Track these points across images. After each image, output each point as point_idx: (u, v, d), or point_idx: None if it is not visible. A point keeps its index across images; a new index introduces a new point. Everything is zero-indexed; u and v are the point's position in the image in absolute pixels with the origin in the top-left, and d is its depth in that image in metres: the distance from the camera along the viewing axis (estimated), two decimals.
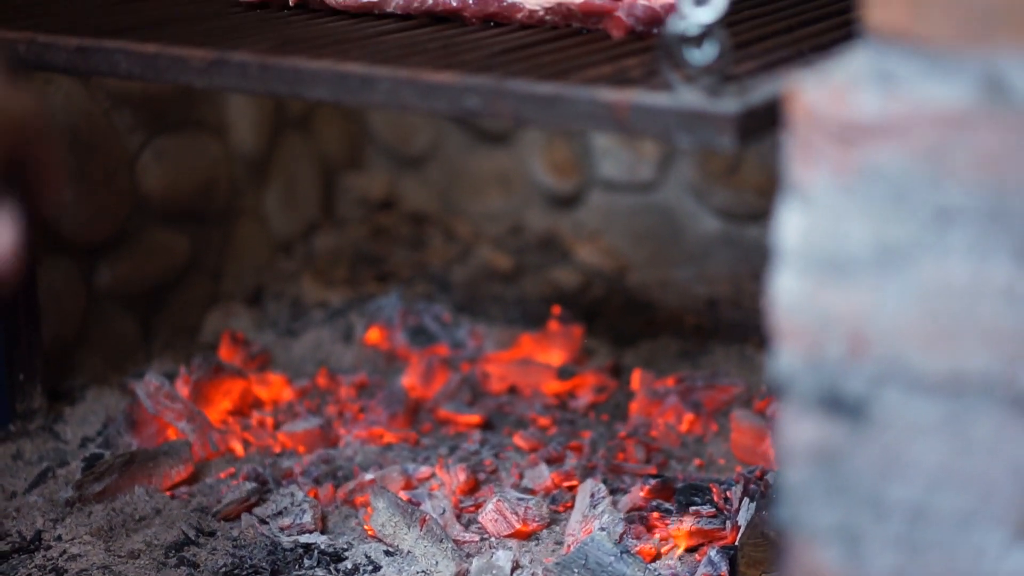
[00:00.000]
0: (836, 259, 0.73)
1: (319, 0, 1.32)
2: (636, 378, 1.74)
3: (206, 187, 1.99)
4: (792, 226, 0.74)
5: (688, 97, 0.91)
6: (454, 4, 1.26)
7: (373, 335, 1.88)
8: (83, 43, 1.14)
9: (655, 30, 1.18)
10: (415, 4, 1.27)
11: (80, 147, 1.77)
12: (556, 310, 1.86)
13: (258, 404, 1.71)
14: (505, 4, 1.24)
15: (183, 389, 1.64)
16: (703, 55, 0.90)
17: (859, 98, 0.71)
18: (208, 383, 1.66)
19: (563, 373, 1.77)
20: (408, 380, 1.76)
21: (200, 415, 1.60)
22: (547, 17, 1.23)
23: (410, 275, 2.10)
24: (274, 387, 1.74)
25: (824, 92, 0.72)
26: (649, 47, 1.14)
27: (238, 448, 1.61)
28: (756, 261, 1.91)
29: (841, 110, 0.71)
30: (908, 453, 0.74)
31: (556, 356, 1.82)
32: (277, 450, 1.62)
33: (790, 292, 0.75)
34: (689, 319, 1.98)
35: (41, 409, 1.68)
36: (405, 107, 1.02)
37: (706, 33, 0.89)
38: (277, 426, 1.66)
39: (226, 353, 1.79)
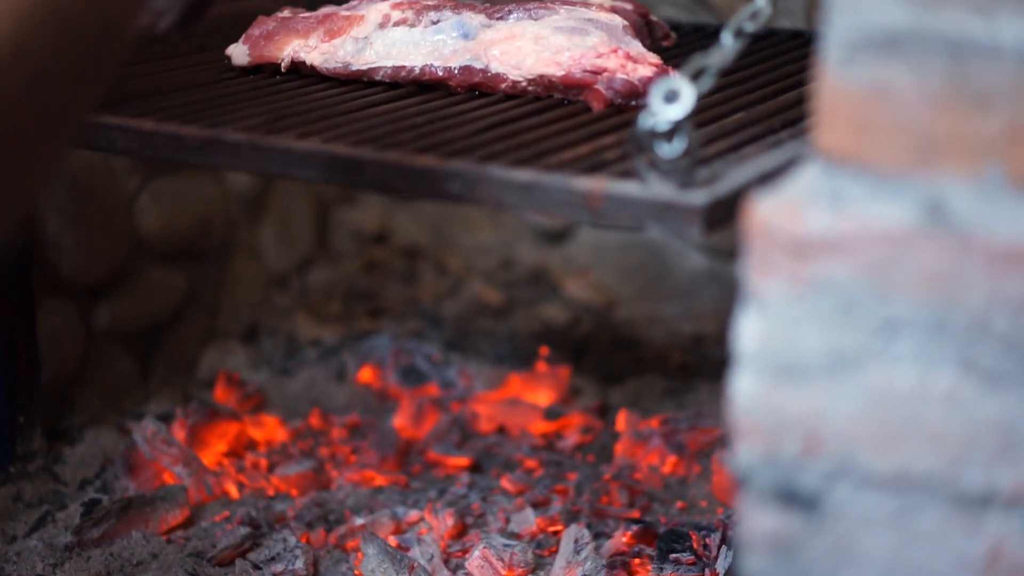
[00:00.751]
0: (791, 364, 0.78)
1: (310, 67, 1.36)
2: (621, 419, 1.78)
3: (202, 226, 2.04)
4: (750, 331, 0.78)
5: (658, 189, 0.95)
6: (440, 74, 1.30)
7: (365, 374, 1.92)
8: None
9: (633, 102, 1.23)
10: (402, 73, 1.32)
11: (79, 191, 1.81)
12: (544, 351, 1.90)
13: (252, 445, 1.75)
14: (489, 75, 1.28)
15: (179, 433, 1.69)
16: (672, 149, 0.94)
17: (810, 215, 0.75)
18: (203, 427, 1.70)
19: (550, 414, 1.82)
20: (399, 421, 1.80)
21: (195, 459, 1.65)
22: (530, 88, 1.27)
23: (402, 310, 2.15)
24: (268, 428, 1.78)
25: (778, 208, 0.76)
26: (627, 121, 1.19)
27: (233, 490, 1.65)
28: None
29: (794, 226, 0.75)
30: (859, 544, 0.78)
31: (544, 396, 1.87)
32: (271, 493, 1.66)
33: (748, 393, 0.79)
34: (675, 356, 2.03)
35: (41, 450, 1.72)
36: (392, 190, 1.06)
37: (675, 128, 0.94)
38: (271, 468, 1.71)
39: (222, 394, 1.84)
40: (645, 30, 1.49)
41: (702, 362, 2.00)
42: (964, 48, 0.70)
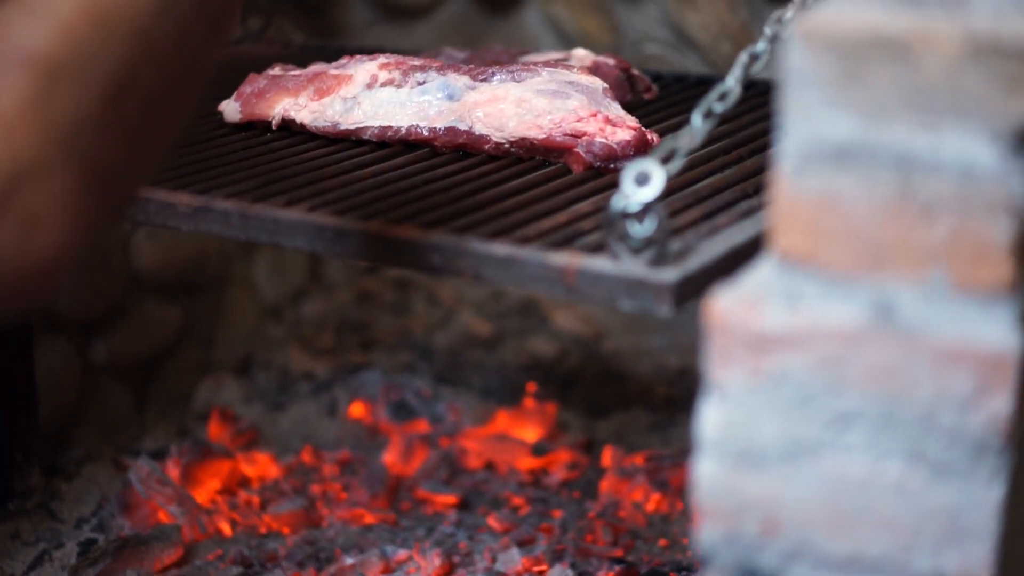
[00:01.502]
0: (750, 450, 0.82)
1: (299, 125, 1.40)
2: (607, 455, 1.82)
3: (198, 259, 2.08)
4: (711, 419, 0.82)
5: (630, 267, 0.99)
6: (425, 134, 1.34)
7: (356, 409, 1.96)
8: None
9: (612, 165, 1.27)
10: (389, 133, 1.35)
11: None
12: (531, 387, 1.94)
13: (246, 482, 1.80)
14: (473, 136, 1.32)
15: (173, 471, 1.73)
16: (644, 229, 0.98)
17: (767, 312, 0.79)
18: (197, 465, 1.74)
19: (537, 450, 1.86)
20: (389, 457, 1.84)
21: (189, 499, 1.69)
22: (512, 149, 1.31)
23: (394, 342, 2.19)
24: (261, 465, 1.82)
25: (737, 304, 0.80)
26: (605, 184, 1.23)
27: (226, 528, 1.69)
28: None
29: (751, 321, 0.79)
30: None
31: (531, 432, 1.91)
32: (263, 531, 1.70)
33: (709, 476, 0.83)
34: (660, 390, 2.07)
35: (38, 487, 1.76)
36: (376, 260, 1.10)
37: (646, 210, 0.97)
38: (264, 505, 1.75)
39: (216, 429, 1.88)
40: (627, 84, 1.54)
41: (687, 396, 2.04)
42: (909, 162, 0.74)
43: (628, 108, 1.50)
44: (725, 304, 0.81)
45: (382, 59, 1.41)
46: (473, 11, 2.29)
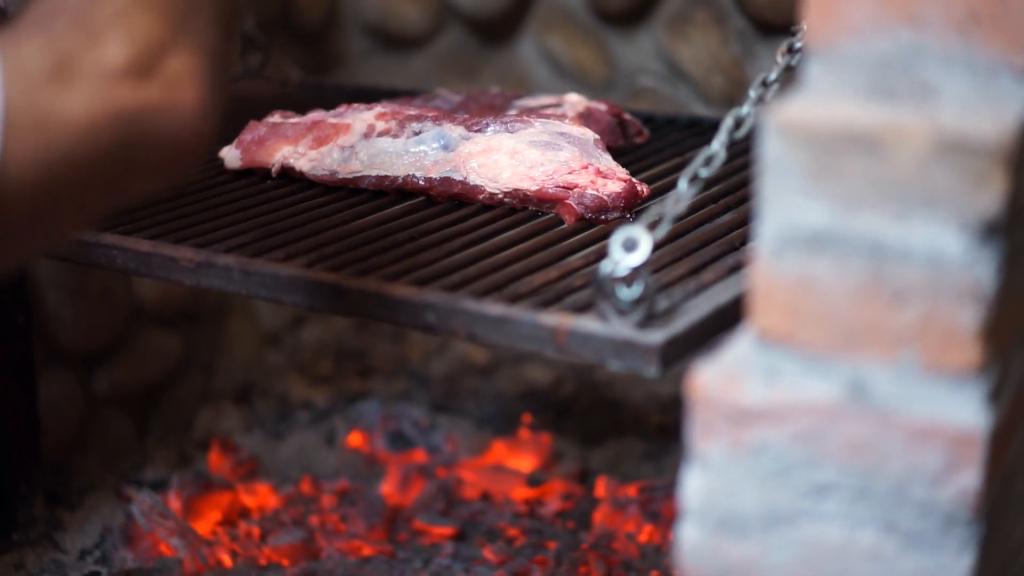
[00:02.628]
0: (731, 518, 0.85)
1: (299, 172, 1.44)
2: (601, 486, 1.86)
3: (198, 289, 2.11)
4: (694, 487, 0.86)
5: (618, 328, 1.02)
6: (421, 184, 1.37)
7: (355, 439, 2.00)
8: (83, 237, 1.25)
9: (603, 216, 1.30)
10: (386, 182, 1.39)
11: (79, 266, 1.88)
12: (527, 418, 1.98)
13: (246, 513, 1.83)
14: (468, 186, 1.36)
15: (175, 503, 1.76)
16: (631, 292, 1.01)
17: (747, 387, 0.82)
18: (198, 497, 1.78)
19: (532, 480, 1.89)
20: (386, 488, 1.88)
21: (190, 531, 1.72)
22: (506, 200, 1.35)
23: (391, 370, 2.22)
24: (261, 495, 1.86)
25: (718, 378, 0.84)
26: (597, 236, 1.27)
27: (226, 559, 1.73)
28: None
29: (732, 395, 0.83)
30: None
31: (526, 462, 1.94)
32: (263, 562, 1.73)
33: (692, 541, 0.87)
34: (654, 418, 2.10)
35: (42, 517, 1.80)
36: (372, 317, 1.13)
37: (634, 274, 1.01)
38: (263, 536, 1.78)
39: (216, 460, 1.92)
40: (618, 129, 1.57)
41: (680, 424, 2.07)
42: (881, 249, 0.77)
43: (620, 152, 1.54)
44: (706, 378, 0.84)
45: (379, 108, 1.44)
46: (469, 42, 2.32)
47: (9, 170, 0.74)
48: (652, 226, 1.03)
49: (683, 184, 1.06)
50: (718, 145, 1.10)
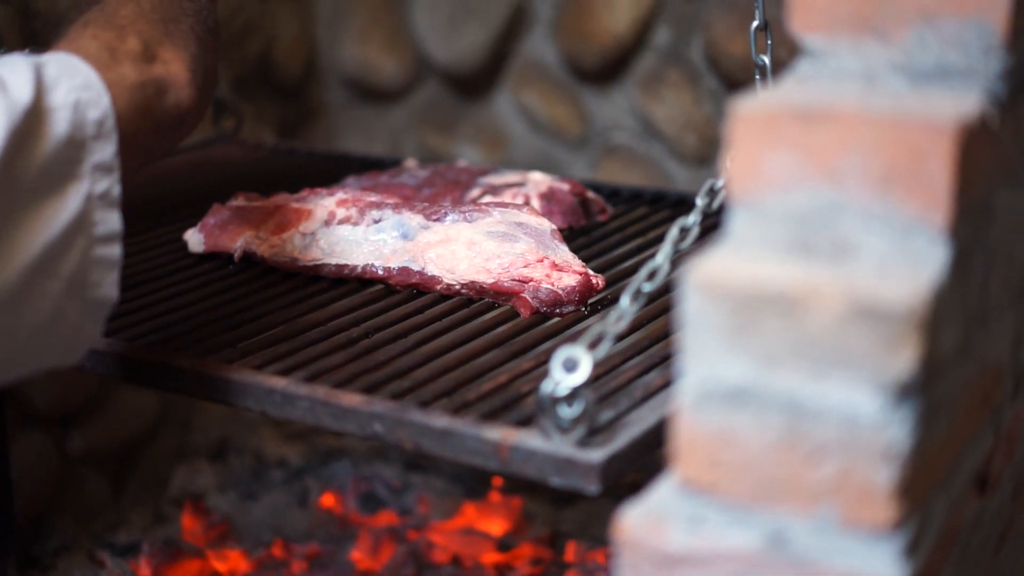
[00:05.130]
0: None
1: (260, 257, 1.45)
2: (570, 550, 1.86)
3: None
4: None
5: (559, 446, 1.03)
6: (380, 273, 1.38)
7: (327, 500, 2.01)
8: None
9: (557, 310, 1.31)
10: (345, 271, 1.40)
11: None
12: (497, 481, 1.98)
13: None
14: (426, 276, 1.37)
15: (145, 571, 1.77)
16: (572, 411, 1.02)
17: (671, 533, 0.83)
18: (168, 565, 1.79)
19: (502, 545, 1.90)
20: (357, 552, 1.89)
21: None
22: (463, 290, 1.36)
23: None
24: (232, 561, 1.87)
25: (643, 523, 0.85)
26: (550, 332, 1.28)
27: None
28: None
29: (656, 541, 0.84)
30: None
31: (497, 525, 1.95)
32: None
33: None
34: (626, 477, 2.10)
35: None
36: (320, 425, 1.15)
37: (575, 394, 1.02)
38: None
39: (188, 522, 1.93)
40: (580, 209, 1.58)
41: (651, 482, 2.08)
42: (798, 407, 0.78)
43: (582, 231, 1.55)
44: (633, 522, 0.85)
45: (340, 195, 1.45)
46: (446, 96, 2.33)
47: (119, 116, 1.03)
48: (592, 345, 1.04)
49: (625, 301, 1.07)
50: (662, 258, 1.10)
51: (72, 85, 1.00)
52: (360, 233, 1.41)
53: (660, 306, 1.31)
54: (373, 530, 1.91)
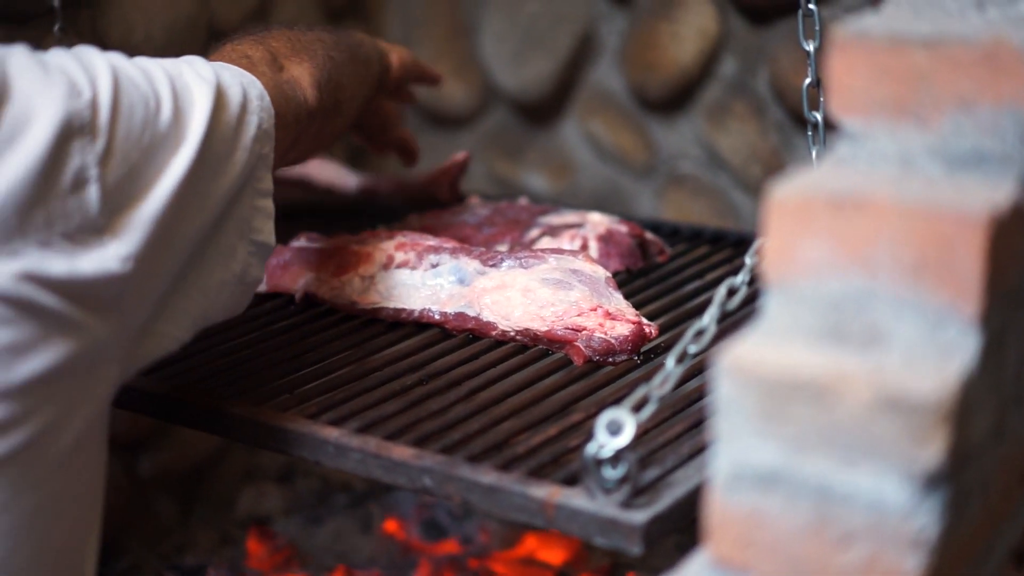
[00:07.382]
0: None
1: (320, 298, 1.47)
2: None
3: None
4: None
5: (603, 506, 1.05)
6: (436, 318, 1.41)
7: (390, 526, 2.04)
8: None
9: (611, 359, 1.33)
10: (403, 315, 1.42)
11: None
12: None
13: None
14: (481, 322, 1.39)
15: None
16: (616, 472, 1.04)
17: None
18: None
19: None
20: None
21: None
22: (517, 337, 1.37)
23: None
24: None
25: None
26: (603, 381, 1.29)
27: None
28: None
29: None
30: None
31: (557, 554, 1.97)
32: None
33: None
34: (669, 535, 2.11)
35: None
36: (372, 477, 1.17)
37: (619, 456, 1.03)
38: None
39: (254, 546, 1.96)
40: (638, 252, 1.59)
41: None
42: (827, 493, 0.79)
43: (640, 273, 1.57)
44: None
45: (399, 238, 1.48)
46: (514, 123, 2.35)
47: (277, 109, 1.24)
48: (637, 408, 1.05)
49: (671, 363, 1.09)
50: (708, 319, 1.12)
51: (232, 72, 1.21)
52: (418, 278, 1.44)
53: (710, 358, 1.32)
54: (434, 558, 1.94)
